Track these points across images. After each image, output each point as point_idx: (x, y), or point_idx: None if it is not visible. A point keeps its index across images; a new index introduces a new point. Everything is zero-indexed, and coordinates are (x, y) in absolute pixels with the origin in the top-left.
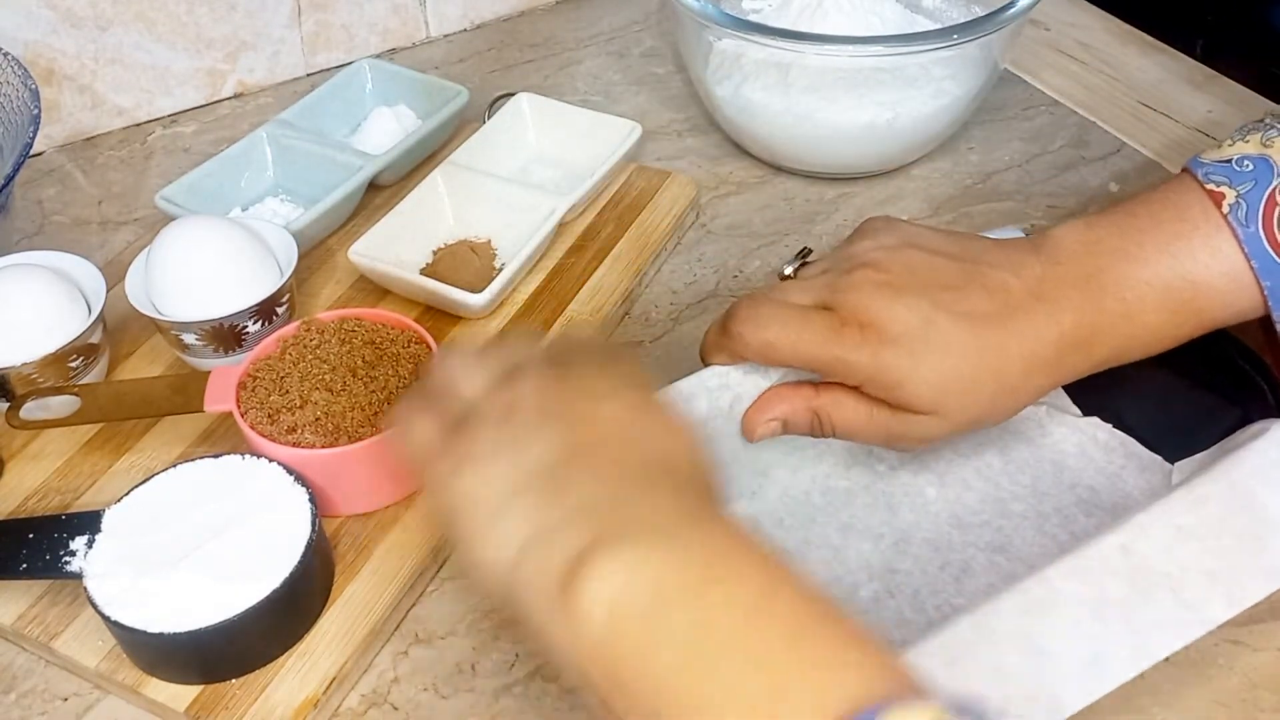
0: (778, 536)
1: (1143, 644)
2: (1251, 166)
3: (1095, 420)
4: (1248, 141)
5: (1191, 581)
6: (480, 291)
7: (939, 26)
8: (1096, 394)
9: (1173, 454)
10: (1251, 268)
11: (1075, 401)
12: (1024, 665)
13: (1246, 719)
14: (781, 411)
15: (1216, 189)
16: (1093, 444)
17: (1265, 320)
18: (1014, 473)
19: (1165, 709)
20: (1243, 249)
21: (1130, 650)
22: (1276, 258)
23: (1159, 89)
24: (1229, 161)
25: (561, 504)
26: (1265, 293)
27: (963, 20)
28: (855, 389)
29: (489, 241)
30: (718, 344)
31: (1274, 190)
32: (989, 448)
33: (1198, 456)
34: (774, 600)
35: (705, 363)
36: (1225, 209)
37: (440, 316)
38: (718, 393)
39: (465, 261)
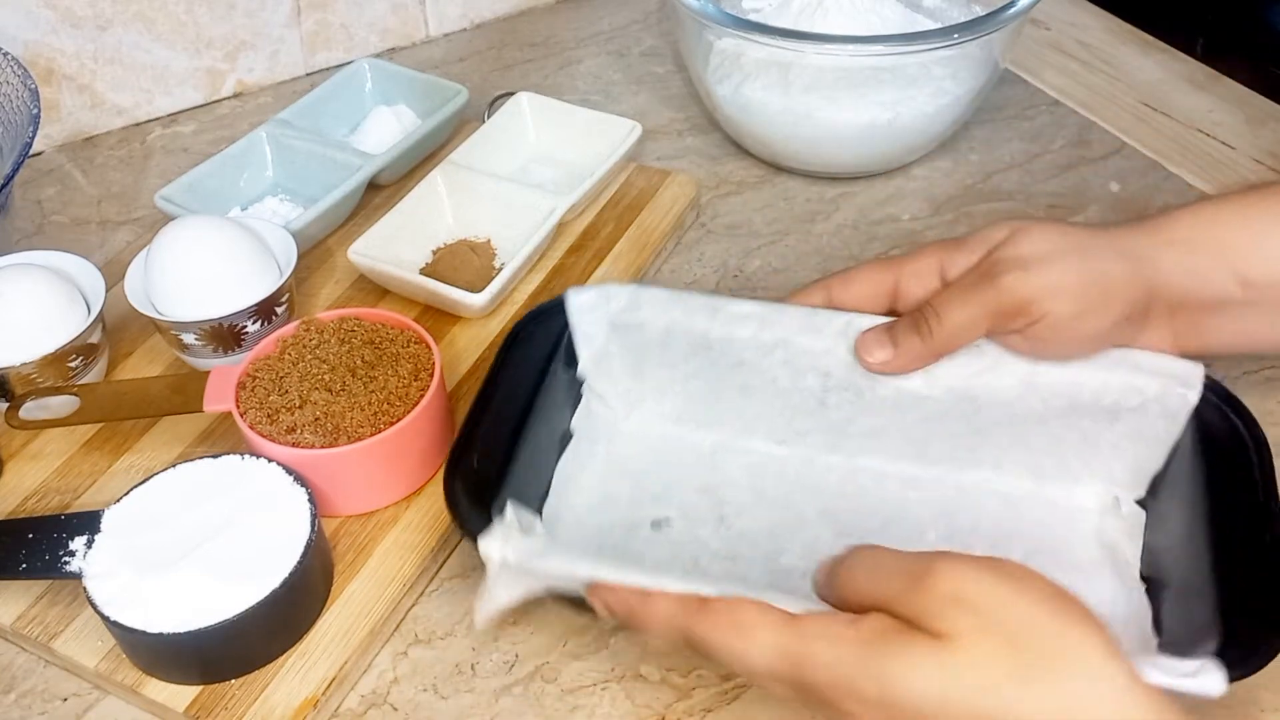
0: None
1: None
2: None
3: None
4: None
5: None
6: (480, 291)
7: (939, 26)
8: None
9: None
10: None
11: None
12: None
13: (1246, 719)
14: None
15: None
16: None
17: None
18: None
19: None
20: None
21: None
22: None
23: (1159, 89)
24: None
25: None
26: None
27: (963, 20)
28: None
29: (489, 241)
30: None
31: None
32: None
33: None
34: None
35: None
36: None
37: (440, 316)
38: None
39: (465, 261)
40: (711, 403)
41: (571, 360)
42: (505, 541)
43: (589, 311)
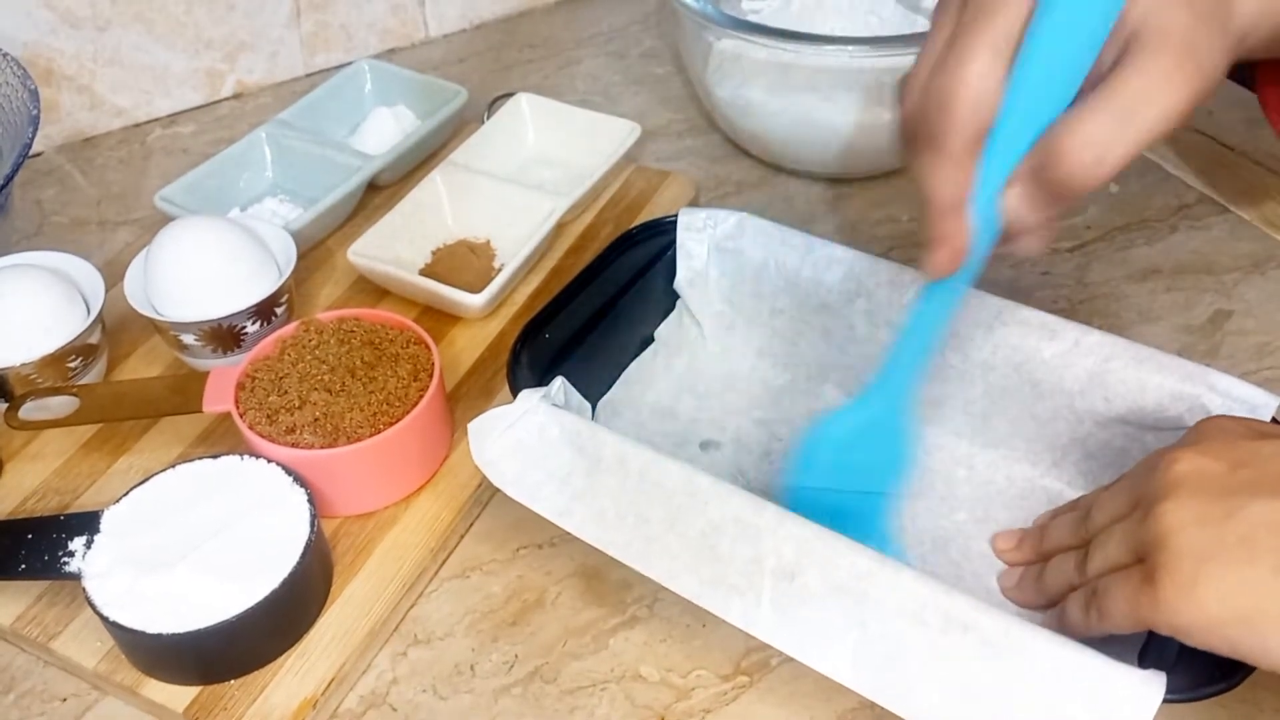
0: None
1: None
2: None
3: None
4: None
5: None
6: (479, 292)
7: None
8: None
9: None
10: None
11: None
12: None
13: (1246, 719)
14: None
15: None
16: None
17: None
18: None
19: (1164, 708)
20: None
21: None
22: None
23: None
24: None
25: None
26: None
27: None
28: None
29: (488, 242)
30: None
31: None
32: None
33: None
34: None
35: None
36: None
37: (439, 317)
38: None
39: (464, 262)
40: (793, 341)
41: (672, 274)
42: (542, 399)
43: (695, 231)
